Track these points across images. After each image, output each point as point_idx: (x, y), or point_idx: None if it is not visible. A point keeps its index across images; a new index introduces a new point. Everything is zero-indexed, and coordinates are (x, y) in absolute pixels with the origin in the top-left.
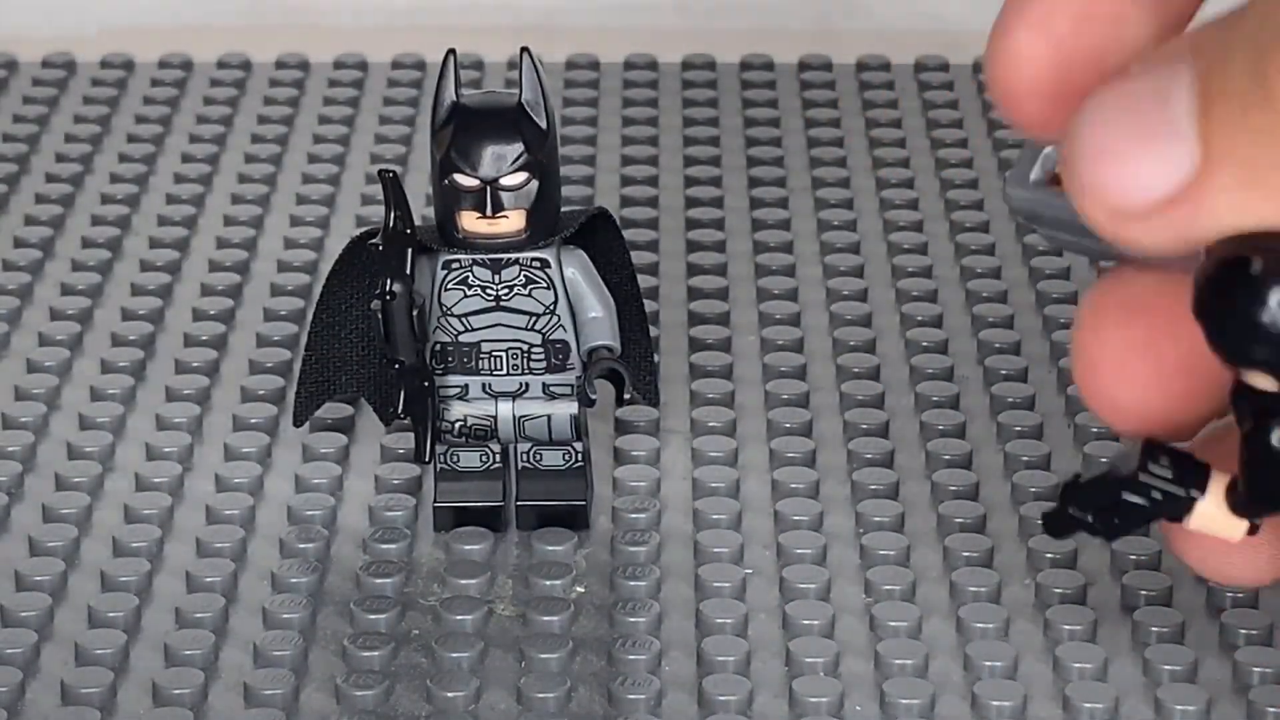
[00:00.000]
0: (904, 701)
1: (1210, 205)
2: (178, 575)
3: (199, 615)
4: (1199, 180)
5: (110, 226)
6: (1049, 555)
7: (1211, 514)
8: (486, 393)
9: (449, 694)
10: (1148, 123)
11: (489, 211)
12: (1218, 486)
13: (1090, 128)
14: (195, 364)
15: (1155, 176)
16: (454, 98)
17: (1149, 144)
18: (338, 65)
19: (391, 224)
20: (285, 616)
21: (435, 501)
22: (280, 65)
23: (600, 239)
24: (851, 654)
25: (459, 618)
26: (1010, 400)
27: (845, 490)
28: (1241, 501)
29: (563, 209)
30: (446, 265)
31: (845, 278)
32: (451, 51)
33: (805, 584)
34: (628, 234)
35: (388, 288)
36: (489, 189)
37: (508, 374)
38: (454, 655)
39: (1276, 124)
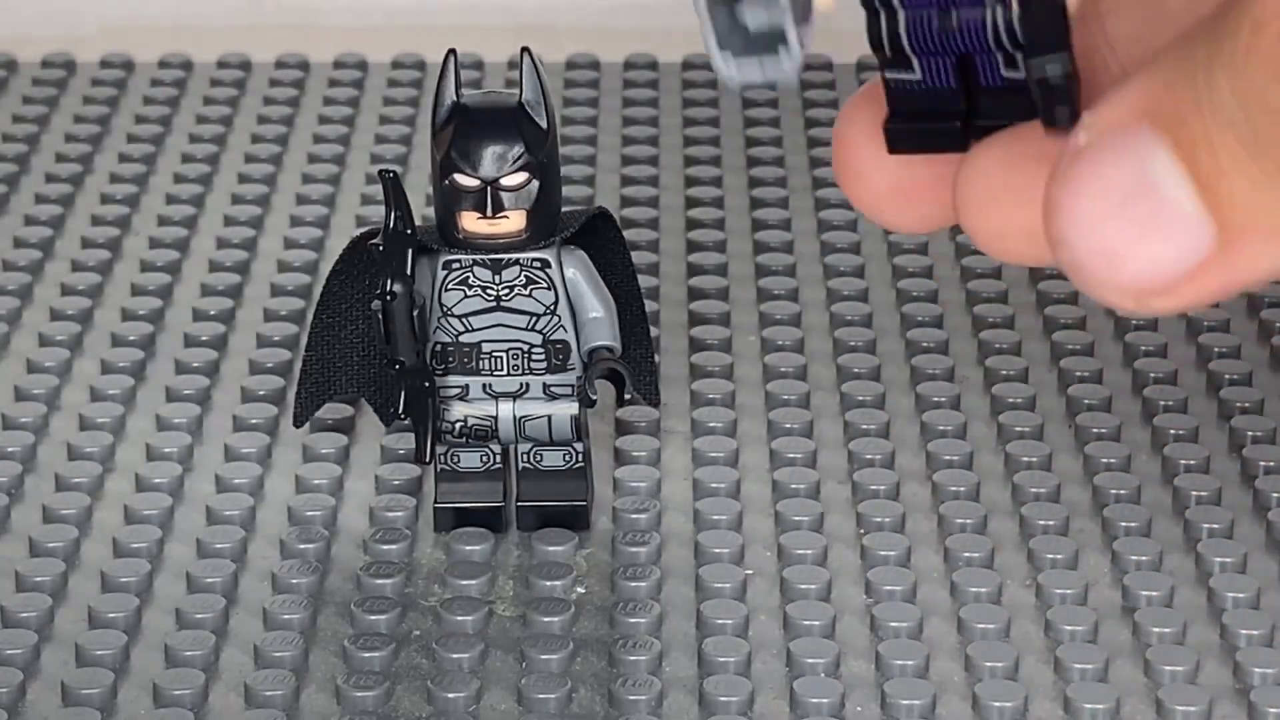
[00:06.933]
0: (905, 702)
1: (1245, 261)
2: (178, 576)
3: (199, 616)
4: (1226, 245)
5: (110, 226)
6: (1050, 557)
7: None
8: (487, 393)
9: (450, 695)
10: (1146, 215)
11: (489, 212)
12: None
13: (1085, 231)
14: (195, 364)
15: (1173, 260)
16: (454, 98)
17: (1155, 234)
18: (338, 65)
19: (392, 224)
20: (286, 617)
21: (436, 502)
22: (280, 65)
23: (601, 239)
24: (852, 655)
25: (459, 618)
26: (1011, 401)
27: (846, 491)
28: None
29: (563, 209)
30: (447, 265)
31: (846, 278)
32: (452, 52)
33: (806, 585)
34: (628, 234)
35: (388, 288)
36: (489, 189)
37: (508, 374)
38: (454, 656)
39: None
